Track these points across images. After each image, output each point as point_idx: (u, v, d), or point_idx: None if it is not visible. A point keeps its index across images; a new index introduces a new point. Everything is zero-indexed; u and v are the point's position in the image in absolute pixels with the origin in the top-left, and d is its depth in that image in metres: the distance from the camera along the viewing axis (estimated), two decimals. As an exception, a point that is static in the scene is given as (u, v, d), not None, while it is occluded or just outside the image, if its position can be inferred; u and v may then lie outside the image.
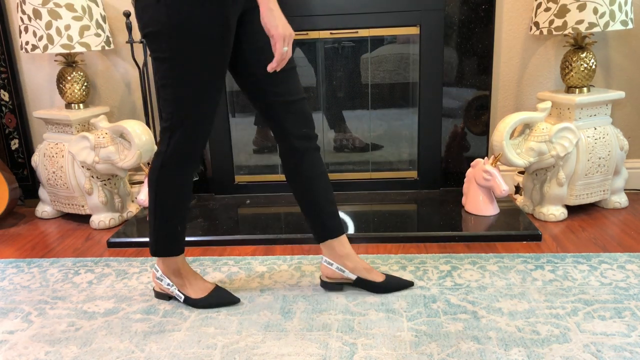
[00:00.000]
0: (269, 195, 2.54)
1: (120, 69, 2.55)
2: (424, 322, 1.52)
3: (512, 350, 1.38)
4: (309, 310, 1.61)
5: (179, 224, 1.60)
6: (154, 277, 1.69)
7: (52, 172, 2.34)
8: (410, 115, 2.46)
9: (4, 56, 2.52)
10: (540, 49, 2.40)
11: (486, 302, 1.61)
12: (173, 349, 1.45)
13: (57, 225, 2.42)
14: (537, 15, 2.17)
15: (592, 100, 2.14)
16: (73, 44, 2.19)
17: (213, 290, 1.67)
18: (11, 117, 2.60)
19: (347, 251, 1.66)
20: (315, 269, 1.86)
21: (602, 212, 2.28)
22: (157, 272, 1.67)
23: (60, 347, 1.49)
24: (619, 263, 1.81)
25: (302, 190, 1.62)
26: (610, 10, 2.02)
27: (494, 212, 2.19)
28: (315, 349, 1.42)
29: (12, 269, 1.99)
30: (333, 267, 1.67)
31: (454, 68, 2.38)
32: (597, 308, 1.55)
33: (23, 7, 2.18)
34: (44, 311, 1.68)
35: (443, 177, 2.50)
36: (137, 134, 2.20)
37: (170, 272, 1.65)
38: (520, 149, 2.13)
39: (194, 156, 1.53)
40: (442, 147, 2.46)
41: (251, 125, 2.53)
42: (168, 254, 1.62)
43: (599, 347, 1.38)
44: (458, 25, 2.32)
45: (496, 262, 1.86)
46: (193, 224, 2.23)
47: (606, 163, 2.19)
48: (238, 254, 2.02)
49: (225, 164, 2.54)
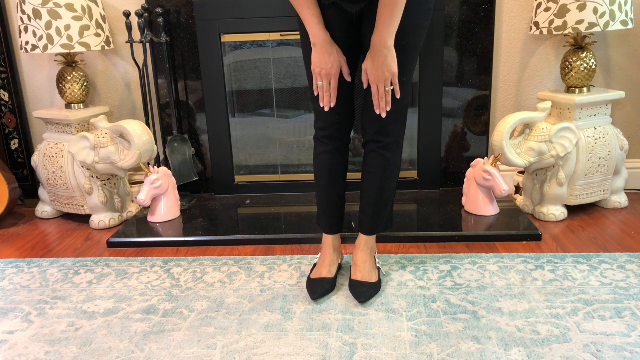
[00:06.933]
0: (269, 195, 2.54)
1: (120, 69, 2.55)
2: (424, 322, 1.52)
3: (512, 350, 1.38)
4: (309, 310, 1.61)
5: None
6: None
7: (52, 172, 2.34)
8: (410, 115, 2.46)
9: (4, 56, 2.52)
10: (540, 49, 2.40)
11: (486, 302, 1.61)
12: (173, 349, 1.45)
13: (57, 225, 2.42)
14: (537, 15, 2.17)
15: (592, 100, 2.14)
16: (73, 44, 2.19)
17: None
18: (11, 117, 2.60)
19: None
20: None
21: (602, 212, 2.28)
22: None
23: (60, 347, 1.49)
24: (619, 263, 1.81)
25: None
26: (610, 10, 2.02)
27: (494, 212, 2.19)
28: (315, 349, 1.42)
29: (12, 269, 1.99)
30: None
31: (454, 68, 2.38)
32: (597, 308, 1.55)
33: (23, 7, 2.18)
34: (44, 311, 1.68)
35: (443, 177, 2.50)
36: (137, 134, 2.20)
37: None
38: (520, 149, 2.13)
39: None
40: (442, 147, 2.46)
41: (251, 125, 2.53)
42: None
43: (599, 347, 1.38)
44: (458, 25, 2.32)
45: (496, 262, 1.86)
46: (193, 224, 2.24)
47: (606, 163, 2.19)
48: (238, 254, 2.02)
49: (225, 164, 2.54)
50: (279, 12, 2.30)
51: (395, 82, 1.54)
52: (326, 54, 1.54)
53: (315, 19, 1.51)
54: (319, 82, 1.58)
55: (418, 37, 1.55)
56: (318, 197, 1.75)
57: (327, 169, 1.70)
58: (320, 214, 1.76)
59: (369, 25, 1.52)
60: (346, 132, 1.69)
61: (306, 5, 1.51)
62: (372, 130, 1.63)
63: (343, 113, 1.65)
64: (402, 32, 1.49)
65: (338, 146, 1.69)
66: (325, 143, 1.69)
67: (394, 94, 1.56)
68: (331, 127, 1.66)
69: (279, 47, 2.41)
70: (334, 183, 1.71)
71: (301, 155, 2.55)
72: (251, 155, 2.57)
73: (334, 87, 1.58)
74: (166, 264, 1.95)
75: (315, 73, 1.57)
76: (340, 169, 1.71)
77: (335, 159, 1.69)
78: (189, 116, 2.51)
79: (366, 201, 1.70)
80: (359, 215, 1.74)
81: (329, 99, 1.60)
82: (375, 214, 1.70)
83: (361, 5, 1.53)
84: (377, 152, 1.64)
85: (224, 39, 2.39)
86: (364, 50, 1.57)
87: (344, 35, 1.57)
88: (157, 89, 2.46)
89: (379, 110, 1.57)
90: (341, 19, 1.55)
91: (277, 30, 2.34)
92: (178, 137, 2.48)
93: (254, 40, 2.39)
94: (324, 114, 1.64)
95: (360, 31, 1.59)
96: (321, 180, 1.72)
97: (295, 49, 2.40)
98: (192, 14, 2.37)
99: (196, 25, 2.36)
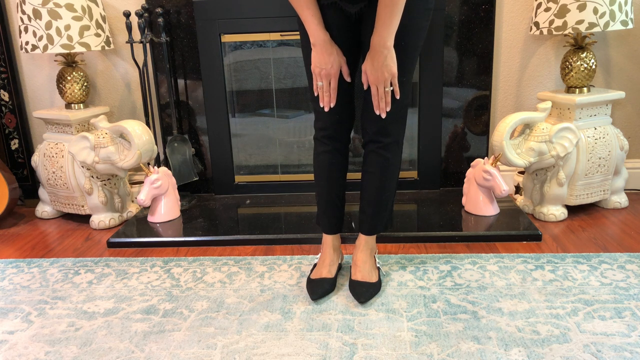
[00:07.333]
0: (269, 195, 2.54)
1: (120, 69, 2.55)
2: (424, 322, 1.52)
3: (512, 350, 1.38)
4: (309, 310, 1.61)
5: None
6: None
7: (52, 172, 2.34)
8: (410, 115, 2.46)
9: (4, 56, 2.52)
10: (540, 49, 2.40)
11: (486, 302, 1.61)
12: (173, 349, 1.45)
13: (57, 225, 2.42)
14: (537, 15, 2.16)
15: (592, 100, 2.14)
16: (73, 44, 2.19)
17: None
18: (11, 117, 2.60)
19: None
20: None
21: (602, 212, 2.28)
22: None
23: (60, 347, 1.49)
24: (619, 263, 1.81)
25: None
26: (610, 10, 2.02)
27: (494, 212, 2.19)
28: (315, 349, 1.42)
29: (12, 269, 1.99)
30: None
31: (454, 68, 2.38)
32: (597, 308, 1.55)
33: (23, 7, 2.17)
34: (44, 311, 1.68)
35: (443, 177, 2.50)
36: (137, 134, 2.20)
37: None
38: (520, 149, 2.13)
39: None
40: (442, 147, 2.46)
41: (251, 125, 2.53)
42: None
43: (599, 347, 1.38)
44: (458, 25, 2.32)
45: (496, 262, 1.86)
46: (193, 224, 2.24)
47: (606, 163, 2.19)
48: (238, 254, 2.02)
49: (225, 164, 2.54)
50: (279, 12, 2.30)
51: (395, 83, 1.54)
52: (326, 54, 1.54)
53: (314, 19, 1.51)
54: (318, 83, 1.58)
55: (418, 37, 1.55)
56: (318, 197, 1.75)
57: (327, 169, 1.70)
58: (320, 213, 1.76)
59: (368, 26, 1.52)
60: (346, 132, 1.69)
61: (306, 5, 1.51)
62: (372, 130, 1.63)
63: (343, 113, 1.65)
64: (402, 32, 1.49)
65: (338, 146, 1.69)
66: (325, 143, 1.69)
67: (394, 95, 1.56)
68: (331, 127, 1.66)
69: (279, 47, 2.41)
70: (334, 183, 1.71)
71: (301, 155, 2.55)
72: (251, 155, 2.57)
73: (334, 87, 1.58)
74: (166, 264, 1.95)
75: (315, 73, 1.57)
76: (340, 169, 1.71)
77: (335, 159, 1.69)
78: (189, 116, 2.51)
79: (366, 201, 1.70)
80: (359, 215, 1.74)
81: (328, 99, 1.60)
82: (375, 214, 1.70)
83: (360, 6, 1.53)
84: (377, 152, 1.64)
85: (224, 39, 2.39)
86: (364, 51, 1.57)
87: (343, 36, 1.57)
88: (157, 89, 2.46)
89: (378, 111, 1.57)
90: (340, 19, 1.55)
91: (277, 30, 2.34)
92: (178, 137, 2.48)
93: (254, 40, 2.39)
94: (324, 114, 1.64)
95: (359, 31, 1.59)
96: (321, 180, 1.72)
97: (295, 49, 2.40)
98: (192, 14, 2.37)
99: (196, 25, 2.36)
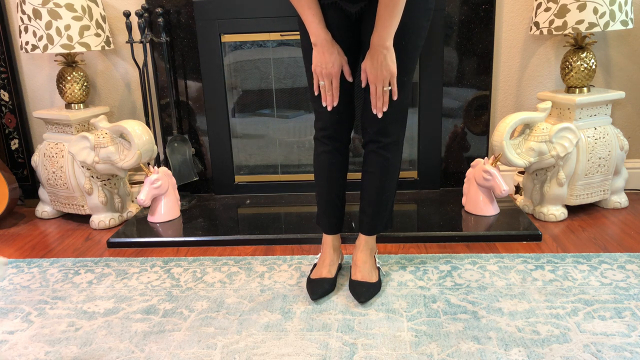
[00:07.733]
0: (269, 195, 2.54)
1: (120, 69, 2.55)
2: (424, 322, 1.52)
3: (512, 350, 1.38)
4: (309, 310, 1.61)
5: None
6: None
7: (52, 172, 2.34)
8: (410, 115, 2.46)
9: (4, 56, 2.52)
10: (540, 49, 2.40)
11: (486, 302, 1.61)
12: (173, 349, 1.45)
13: (57, 225, 2.42)
14: (537, 15, 2.16)
15: (592, 100, 2.14)
16: (73, 44, 2.19)
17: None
18: (11, 117, 2.60)
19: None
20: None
21: (602, 212, 2.28)
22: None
23: (60, 347, 1.49)
24: (619, 263, 1.81)
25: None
26: (610, 10, 2.02)
27: (494, 212, 2.19)
28: (315, 349, 1.42)
29: (12, 269, 1.99)
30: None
31: (454, 68, 2.38)
32: (597, 308, 1.55)
33: (23, 7, 2.17)
34: (44, 311, 1.68)
35: (443, 177, 2.50)
36: (137, 134, 2.20)
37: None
38: (520, 149, 2.13)
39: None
40: (442, 147, 2.46)
41: (251, 126, 2.53)
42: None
43: (599, 347, 1.38)
44: (458, 25, 2.32)
45: (496, 262, 1.86)
46: (193, 224, 2.24)
47: (606, 163, 2.19)
48: (238, 254, 2.02)
49: (225, 164, 2.54)
50: (279, 12, 2.30)
51: (394, 83, 1.54)
52: (327, 54, 1.54)
53: (315, 18, 1.51)
54: (320, 82, 1.58)
55: (418, 37, 1.55)
56: (318, 197, 1.75)
57: (327, 169, 1.70)
58: (320, 213, 1.76)
59: (369, 25, 1.52)
60: (346, 132, 1.69)
61: (307, 5, 1.51)
62: (372, 130, 1.63)
63: (343, 113, 1.65)
64: (402, 32, 1.49)
65: (338, 146, 1.69)
66: (325, 143, 1.69)
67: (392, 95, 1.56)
68: (331, 127, 1.66)
69: (279, 47, 2.41)
70: (334, 183, 1.71)
71: (301, 155, 2.55)
72: (251, 155, 2.57)
73: (336, 86, 1.58)
74: (166, 264, 1.95)
75: (316, 73, 1.57)
76: (340, 169, 1.71)
77: (335, 159, 1.69)
78: (189, 116, 2.51)
79: (366, 201, 1.70)
80: (359, 215, 1.74)
81: (331, 99, 1.59)
82: (375, 214, 1.70)
83: (360, 5, 1.53)
84: (377, 152, 1.64)
85: (224, 39, 2.39)
86: (363, 50, 1.57)
87: (343, 35, 1.57)
88: (157, 89, 2.46)
89: (375, 110, 1.57)
90: (340, 19, 1.55)
91: (277, 30, 2.34)
92: (178, 137, 2.48)
93: (254, 40, 2.39)
94: (324, 114, 1.64)
95: (359, 31, 1.59)
96: (321, 180, 1.72)
97: (295, 49, 2.40)
98: (192, 14, 2.37)
99: (196, 25, 2.36)
